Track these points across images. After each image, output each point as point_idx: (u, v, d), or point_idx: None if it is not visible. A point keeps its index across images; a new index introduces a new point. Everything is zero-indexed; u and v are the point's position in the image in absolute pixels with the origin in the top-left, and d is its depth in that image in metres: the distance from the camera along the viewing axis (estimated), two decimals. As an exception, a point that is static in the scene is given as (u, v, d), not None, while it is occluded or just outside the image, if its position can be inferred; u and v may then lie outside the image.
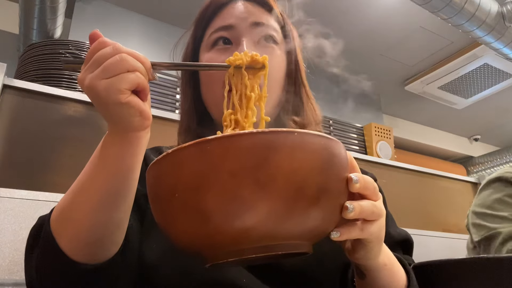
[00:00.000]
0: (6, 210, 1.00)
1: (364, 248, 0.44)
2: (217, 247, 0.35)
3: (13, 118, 1.20)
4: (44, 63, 1.41)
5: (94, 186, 0.46)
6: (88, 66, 0.41)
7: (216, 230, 0.33)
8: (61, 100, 1.28)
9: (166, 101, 2.58)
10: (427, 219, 1.94)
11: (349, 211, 0.38)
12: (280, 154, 0.32)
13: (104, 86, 0.40)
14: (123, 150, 0.45)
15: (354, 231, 0.40)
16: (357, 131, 3.26)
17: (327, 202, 0.35)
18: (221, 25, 0.66)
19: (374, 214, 0.41)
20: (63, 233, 0.47)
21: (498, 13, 2.49)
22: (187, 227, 0.34)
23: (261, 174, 0.32)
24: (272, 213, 0.32)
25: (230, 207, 0.32)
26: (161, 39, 2.86)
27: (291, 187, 0.32)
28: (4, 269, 0.94)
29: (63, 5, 2.29)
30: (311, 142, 0.34)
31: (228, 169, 0.32)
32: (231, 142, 0.32)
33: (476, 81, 3.63)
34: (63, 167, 1.22)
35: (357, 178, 0.39)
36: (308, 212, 0.34)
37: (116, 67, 0.40)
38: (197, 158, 0.33)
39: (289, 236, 0.34)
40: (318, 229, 0.36)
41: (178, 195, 0.34)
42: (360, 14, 2.97)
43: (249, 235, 0.33)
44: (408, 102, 4.19)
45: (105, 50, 0.41)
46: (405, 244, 0.67)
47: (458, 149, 4.90)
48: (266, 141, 0.32)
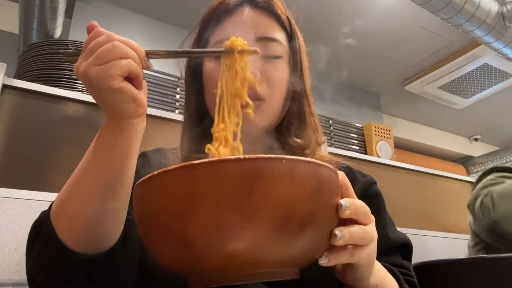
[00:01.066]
0: (6, 210, 1.00)
1: (354, 271, 0.44)
2: (199, 273, 0.34)
3: (13, 118, 1.21)
4: (44, 63, 1.41)
5: (90, 175, 0.46)
6: (83, 55, 0.43)
7: (198, 257, 0.32)
8: (61, 100, 1.28)
9: (166, 101, 2.58)
10: (427, 219, 1.94)
11: (337, 238, 0.37)
12: (266, 182, 0.31)
13: (96, 72, 0.40)
14: (117, 137, 0.45)
15: (343, 256, 0.40)
16: (357, 131, 3.26)
17: (315, 230, 0.34)
18: (225, 36, 0.65)
19: (364, 239, 0.41)
20: (61, 224, 0.47)
21: (498, 13, 2.49)
22: (170, 251, 0.34)
23: (246, 202, 0.31)
24: (256, 242, 0.31)
25: (213, 235, 0.31)
26: (161, 39, 2.86)
27: (277, 217, 0.31)
28: (4, 269, 0.94)
29: (63, 5, 2.29)
30: (300, 170, 0.33)
31: (213, 196, 0.31)
32: (217, 168, 0.31)
33: (476, 81, 3.63)
34: (63, 167, 1.22)
35: (347, 204, 0.38)
36: (294, 241, 0.33)
37: (108, 54, 0.41)
38: (182, 182, 0.32)
39: (274, 264, 0.33)
40: (305, 257, 0.35)
41: (161, 219, 0.33)
42: (360, 14, 2.97)
43: (232, 263, 0.32)
44: (408, 102, 4.19)
45: (99, 38, 0.42)
46: (404, 248, 0.67)
47: (458, 149, 4.90)
48: (252, 169, 0.31)
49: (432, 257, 0.54)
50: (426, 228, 1.84)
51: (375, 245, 0.44)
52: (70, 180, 0.49)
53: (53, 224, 0.47)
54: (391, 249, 0.64)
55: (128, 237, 0.52)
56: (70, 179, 0.49)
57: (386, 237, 0.64)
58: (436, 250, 1.76)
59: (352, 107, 3.84)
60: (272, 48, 0.66)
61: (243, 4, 0.67)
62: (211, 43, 0.67)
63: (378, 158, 2.05)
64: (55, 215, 0.48)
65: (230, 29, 0.65)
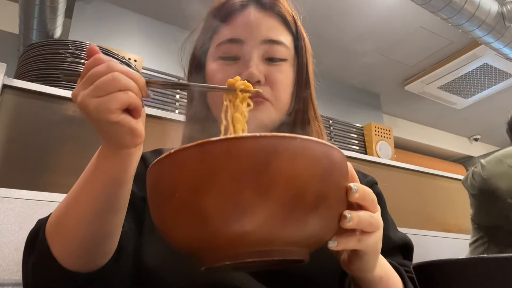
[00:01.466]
0: (6, 210, 1.00)
1: (360, 260, 0.44)
2: (213, 249, 0.34)
3: (13, 118, 1.21)
4: (44, 63, 1.40)
5: (85, 198, 0.47)
6: (82, 83, 0.41)
7: (213, 232, 0.33)
8: (61, 100, 1.28)
9: (166, 101, 2.58)
10: (426, 219, 1.94)
11: (347, 220, 0.38)
12: (281, 159, 0.32)
13: (95, 105, 0.40)
14: (114, 165, 0.45)
15: (352, 241, 0.40)
16: (357, 131, 3.26)
17: (326, 210, 0.35)
18: (229, 37, 0.64)
19: (372, 225, 0.41)
20: (55, 241, 0.48)
21: (498, 13, 2.49)
22: (185, 228, 0.34)
23: (261, 178, 0.31)
24: (271, 218, 0.32)
25: (229, 209, 0.32)
26: (161, 39, 2.86)
27: (291, 193, 0.32)
28: (4, 269, 0.94)
29: (63, 5, 2.29)
30: (313, 149, 0.34)
31: (229, 171, 0.32)
32: (234, 145, 0.32)
33: (476, 81, 3.63)
34: (63, 167, 1.22)
35: (356, 187, 0.39)
36: (306, 219, 0.33)
37: (107, 86, 0.40)
38: (199, 159, 0.33)
39: (286, 242, 0.34)
40: (316, 237, 0.36)
41: (178, 195, 0.34)
42: (360, 14, 2.97)
43: (246, 238, 0.32)
44: (408, 102, 4.19)
45: (99, 68, 0.41)
46: (405, 248, 0.67)
47: (458, 149, 4.91)
48: (268, 146, 0.32)
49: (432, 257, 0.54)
50: (426, 228, 1.84)
51: (381, 233, 0.44)
52: (67, 197, 0.50)
53: (48, 239, 0.48)
54: (392, 249, 0.64)
55: (122, 253, 0.53)
56: (67, 197, 0.50)
57: (387, 237, 0.64)
58: (436, 250, 1.76)
59: (352, 107, 3.84)
60: (277, 51, 0.65)
61: (249, 5, 0.66)
62: (214, 43, 0.66)
63: (378, 158, 2.05)
64: (50, 230, 0.49)
65: (234, 31, 0.64)
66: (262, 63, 0.64)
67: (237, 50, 0.64)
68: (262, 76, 0.62)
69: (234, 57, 0.64)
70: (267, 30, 0.65)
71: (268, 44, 0.64)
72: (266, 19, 0.66)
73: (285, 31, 0.67)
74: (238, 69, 0.63)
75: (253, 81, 0.61)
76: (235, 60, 0.64)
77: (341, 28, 3.07)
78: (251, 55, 0.63)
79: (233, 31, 0.64)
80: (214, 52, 0.66)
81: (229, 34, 0.65)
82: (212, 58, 0.66)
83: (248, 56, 0.63)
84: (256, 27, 0.64)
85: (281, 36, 0.66)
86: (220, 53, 0.65)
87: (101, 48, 1.50)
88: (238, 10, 0.66)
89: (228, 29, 0.65)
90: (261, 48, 0.64)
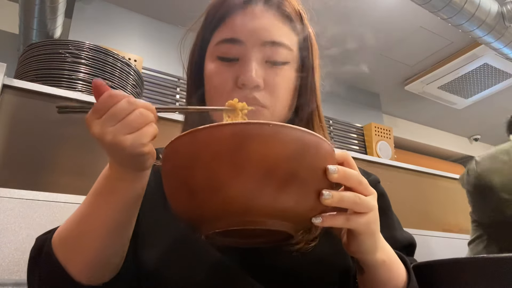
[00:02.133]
0: (6, 210, 1.00)
1: (355, 240, 0.46)
2: (203, 219, 0.40)
3: (13, 118, 1.20)
4: (44, 63, 1.40)
5: (101, 218, 0.50)
6: (104, 120, 0.44)
7: (201, 203, 0.39)
8: (61, 100, 1.28)
9: (166, 101, 2.58)
10: (427, 219, 1.94)
11: (324, 197, 0.40)
12: (253, 142, 0.38)
13: (130, 141, 0.43)
14: (133, 186, 0.49)
15: (338, 220, 0.43)
16: (357, 131, 3.26)
17: (299, 187, 0.39)
18: (229, 36, 0.61)
19: (358, 205, 0.43)
20: (70, 261, 0.51)
21: (498, 13, 2.49)
22: (181, 201, 0.41)
23: (235, 157, 0.37)
24: (244, 190, 0.37)
25: (211, 183, 0.38)
26: (161, 39, 2.86)
27: (261, 170, 0.37)
28: (4, 269, 0.94)
29: (63, 5, 2.29)
30: (283, 133, 0.39)
31: (211, 152, 0.38)
32: (215, 131, 0.38)
33: (476, 81, 3.63)
34: (63, 167, 1.22)
35: (335, 168, 0.41)
36: (277, 193, 0.38)
37: (137, 123, 0.44)
38: (189, 143, 0.40)
39: (264, 213, 0.39)
40: (294, 211, 0.40)
41: (175, 173, 0.41)
42: (360, 14, 2.97)
43: (228, 208, 0.38)
44: (408, 102, 4.19)
45: (122, 104, 0.44)
46: (409, 247, 0.67)
47: (458, 149, 4.90)
48: (243, 130, 0.38)
49: (432, 257, 0.54)
50: (426, 228, 1.84)
51: (375, 216, 0.45)
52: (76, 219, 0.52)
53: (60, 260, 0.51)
54: (398, 249, 0.64)
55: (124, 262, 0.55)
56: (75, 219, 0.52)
57: (393, 238, 0.64)
58: (436, 250, 1.76)
59: (352, 107, 3.84)
60: (279, 54, 0.61)
61: (251, 1, 0.62)
62: (214, 40, 0.63)
63: (378, 158, 2.05)
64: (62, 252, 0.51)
65: (234, 30, 0.61)
66: (262, 66, 0.60)
67: (236, 50, 0.61)
68: (261, 81, 0.59)
69: (233, 58, 0.61)
70: (269, 31, 0.61)
71: (269, 46, 0.60)
72: (268, 18, 0.62)
73: (289, 30, 0.63)
74: (236, 72, 0.60)
75: (251, 86, 0.58)
76: (234, 61, 0.61)
77: (341, 28, 3.06)
78: (250, 57, 0.60)
79: (233, 30, 0.61)
80: (213, 51, 0.63)
81: (228, 33, 0.61)
82: (210, 57, 0.64)
83: (248, 58, 0.60)
84: (257, 26, 0.61)
85: (284, 36, 0.62)
86: (219, 53, 0.62)
87: (101, 48, 1.50)
88: (239, 7, 0.62)
89: (228, 28, 0.62)
90: (262, 50, 0.60)
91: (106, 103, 0.44)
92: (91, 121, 0.45)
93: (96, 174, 0.53)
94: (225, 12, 0.62)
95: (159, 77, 2.62)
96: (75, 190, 1.15)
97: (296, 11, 0.65)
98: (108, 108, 0.44)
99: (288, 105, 0.63)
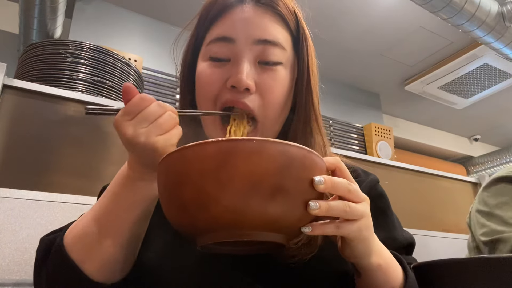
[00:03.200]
0: (6, 210, 1.00)
1: (348, 246, 0.46)
2: (196, 231, 0.42)
3: (13, 118, 1.20)
4: (44, 63, 1.40)
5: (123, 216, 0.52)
6: (136, 122, 0.46)
7: (192, 218, 0.40)
8: (61, 100, 1.28)
9: (166, 101, 2.58)
10: (427, 219, 1.94)
11: (311, 207, 0.40)
12: (238, 158, 0.38)
13: (162, 142, 0.46)
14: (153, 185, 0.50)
15: (328, 228, 0.43)
16: (357, 131, 3.26)
17: (285, 199, 0.40)
18: (221, 35, 0.59)
19: (348, 213, 0.43)
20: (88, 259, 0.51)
21: (498, 13, 2.49)
22: (176, 215, 0.42)
23: (221, 173, 0.38)
24: (232, 205, 0.38)
25: (200, 199, 0.39)
26: (161, 39, 2.86)
27: (246, 185, 0.38)
28: (4, 269, 0.94)
29: (63, 5, 2.29)
30: (268, 148, 0.39)
31: (198, 169, 0.39)
32: (202, 148, 0.39)
33: (476, 81, 3.63)
34: (63, 167, 1.22)
35: (321, 179, 0.41)
36: (264, 207, 0.39)
37: (168, 125, 0.47)
38: (178, 160, 0.40)
39: (253, 226, 0.39)
40: (282, 222, 0.40)
41: (168, 190, 0.42)
42: (360, 14, 2.97)
43: (218, 222, 0.39)
44: (408, 102, 4.19)
45: (154, 107, 0.47)
46: (409, 247, 0.67)
47: (458, 149, 4.90)
48: (227, 147, 0.39)
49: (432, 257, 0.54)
50: (426, 228, 1.84)
51: (367, 222, 0.45)
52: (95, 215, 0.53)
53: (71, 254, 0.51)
54: (397, 249, 0.64)
55: None
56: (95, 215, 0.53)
57: (393, 238, 0.64)
58: (436, 250, 1.76)
59: (352, 107, 3.84)
60: (272, 53, 0.59)
61: (244, 1, 0.61)
62: (206, 40, 0.62)
63: (378, 158, 2.05)
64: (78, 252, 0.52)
65: (226, 28, 0.60)
66: (253, 66, 0.59)
67: (228, 50, 0.59)
68: (252, 83, 0.57)
69: (224, 58, 0.59)
70: (261, 29, 0.59)
71: (262, 45, 0.58)
72: (261, 16, 0.60)
73: (283, 30, 0.61)
74: (227, 73, 0.59)
75: (241, 89, 0.57)
76: (226, 61, 0.60)
77: (341, 28, 3.07)
78: (241, 57, 0.58)
79: (224, 28, 0.60)
80: (205, 51, 0.62)
81: (220, 32, 0.60)
82: (202, 57, 0.62)
83: (239, 58, 0.58)
84: (249, 24, 0.59)
85: (277, 35, 0.60)
86: (210, 53, 0.60)
87: (101, 48, 1.50)
88: (231, 5, 0.60)
89: (220, 27, 0.60)
90: (254, 49, 0.58)
91: (138, 105, 0.46)
92: (121, 122, 0.46)
93: (96, 174, 0.53)
94: (218, 12, 0.61)
95: (159, 77, 2.62)
96: (75, 190, 1.16)
97: (291, 10, 0.63)
98: (139, 110, 0.46)
99: (281, 108, 0.61)
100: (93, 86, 1.42)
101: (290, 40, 0.63)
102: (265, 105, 0.59)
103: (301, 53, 0.63)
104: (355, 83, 3.91)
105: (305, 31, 0.65)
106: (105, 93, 1.44)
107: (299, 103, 0.63)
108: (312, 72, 0.64)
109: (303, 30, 0.64)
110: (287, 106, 0.63)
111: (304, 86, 0.63)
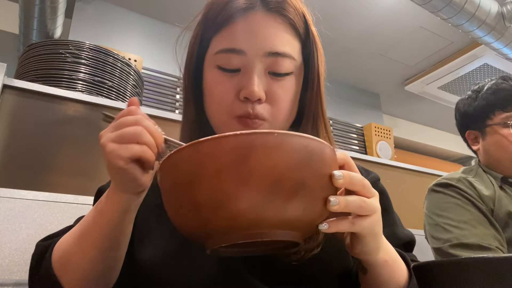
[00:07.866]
0: (6, 210, 1.00)
1: (359, 242, 0.45)
2: (210, 234, 0.39)
3: (13, 118, 1.21)
4: (44, 63, 1.40)
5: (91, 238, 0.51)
6: (111, 126, 0.47)
7: (206, 219, 0.37)
8: (61, 100, 1.28)
9: (166, 101, 2.58)
10: (427, 219, 1.94)
11: (331, 204, 0.40)
12: (258, 153, 0.36)
13: (111, 148, 0.44)
14: (115, 207, 0.49)
15: (344, 224, 0.42)
16: (357, 131, 3.26)
17: (306, 196, 0.38)
18: (231, 46, 0.58)
19: (363, 209, 0.42)
20: (65, 275, 0.52)
21: (498, 13, 2.49)
22: (185, 217, 0.39)
23: (241, 170, 0.36)
24: (252, 203, 0.36)
25: (217, 198, 0.36)
26: (161, 39, 2.86)
27: (269, 182, 0.36)
28: (4, 269, 0.94)
29: (63, 5, 2.29)
30: (289, 142, 0.37)
31: (215, 166, 0.36)
32: (218, 143, 0.36)
33: (476, 81, 3.63)
34: (63, 167, 1.22)
35: (340, 174, 0.40)
36: (286, 204, 0.37)
37: (128, 136, 0.44)
38: (191, 157, 0.37)
39: (271, 225, 0.37)
40: (302, 220, 0.39)
41: (176, 190, 0.39)
42: (360, 14, 2.97)
43: (235, 223, 0.37)
44: (408, 102, 4.20)
45: (129, 118, 0.46)
46: (409, 244, 0.68)
47: (458, 149, 4.90)
48: (247, 142, 0.36)
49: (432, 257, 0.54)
50: (426, 228, 1.84)
51: (379, 218, 0.45)
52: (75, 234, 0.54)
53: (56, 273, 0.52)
54: (398, 246, 0.64)
55: None
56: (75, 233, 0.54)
57: (394, 236, 0.64)
58: (436, 250, 1.76)
59: (352, 107, 3.84)
60: (282, 65, 0.59)
61: (253, 7, 0.59)
62: (213, 47, 0.61)
63: (378, 158, 2.05)
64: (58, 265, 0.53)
65: (235, 40, 0.58)
66: (264, 77, 0.59)
67: (238, 61, 0.58)
68: (263, 94, 0.58)
69: (234, 69, 0.59)
70: (272, 41, 0.58)
71: (273, 57, 0.58)
72: (271, 26, 0.59)
73: (293, 38, 0.61)
74: (238, 83, 0.58)
75: (254, 100, 0.57)
76: (236, 72, 0.59)
77: (341, 28, 3.07)
78: (252, 69, 0.58)
79: (234, 40, 0.58)
80: (212, 60, 0.60)
81: (229, 42, 0.59)
82: (210, 66, 0.61)
83: (249, 70, 0.58)
84: (260, 36, 0.58)
85: (287, 46, 0.59)
86: (219, 62, 0.59)
87: (101, 48, 1.50)
88: (241, 13, 0.59)
89: (229, 36, 0.59)
90: (264, 61, 0.58)
91: (122, 114, 0.47)
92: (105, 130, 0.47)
93: (96, 174, 0.53)
94: (227, 17, 0.59)
95: (159, 77, 2.62)
96: (75, 190, 1.16)
97: (300, 14, 0.62)
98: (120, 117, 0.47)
99: (289, 115, 0.62)
100: (93, 86, 1.42)
101: (300, 46, 0.62)
102: (274, 112, 0.60)
103: (311, 58, 0.64)
104: (355, 83, 3.92)
105: (314, 35, 0.65)
106: (105, 93, 1.44)
107: (308, 108, 0.64)
108: (321, 77, 0.65)
109: (312, 34, 0.64)
110: (295, 108, 0.64)
111: (314, 91, 0.64)
